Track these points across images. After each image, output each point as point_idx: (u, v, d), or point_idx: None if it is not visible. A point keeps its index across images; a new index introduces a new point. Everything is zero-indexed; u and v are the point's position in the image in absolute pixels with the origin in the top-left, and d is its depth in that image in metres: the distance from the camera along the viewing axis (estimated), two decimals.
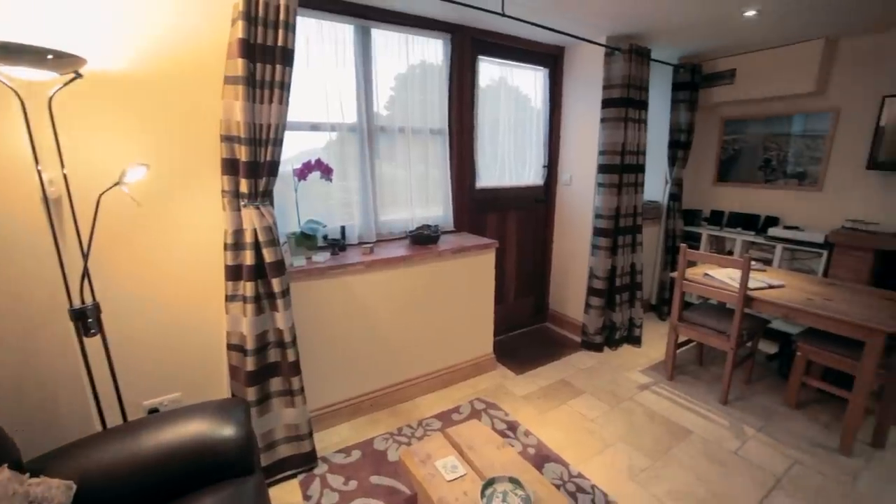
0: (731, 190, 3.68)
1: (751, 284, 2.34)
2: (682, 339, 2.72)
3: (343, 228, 2.35)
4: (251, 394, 1.75)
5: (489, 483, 1.34)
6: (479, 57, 2.78)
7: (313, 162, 2.13)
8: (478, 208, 2.99)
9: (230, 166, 1.65)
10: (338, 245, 2.27)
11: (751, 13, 2.38)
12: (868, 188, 2.88)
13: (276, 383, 1.84)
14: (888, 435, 2.13)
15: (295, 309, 1.91)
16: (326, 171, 2.16)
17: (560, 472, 1.92)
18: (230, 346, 1.77)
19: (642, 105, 2.91)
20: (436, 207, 2.76)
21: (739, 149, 3.58)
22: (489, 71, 2.89)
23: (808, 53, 2.90)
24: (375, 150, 2.44)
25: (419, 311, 2.42)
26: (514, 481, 1.34)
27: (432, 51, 2.55)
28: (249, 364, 1.73)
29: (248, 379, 1.74)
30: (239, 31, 1.52)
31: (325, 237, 2.30)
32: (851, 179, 2.96)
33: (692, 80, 3.35)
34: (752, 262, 2.47)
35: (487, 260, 2.64)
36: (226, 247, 1.69)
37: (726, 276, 2.51)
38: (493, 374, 2.80)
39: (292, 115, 2.06)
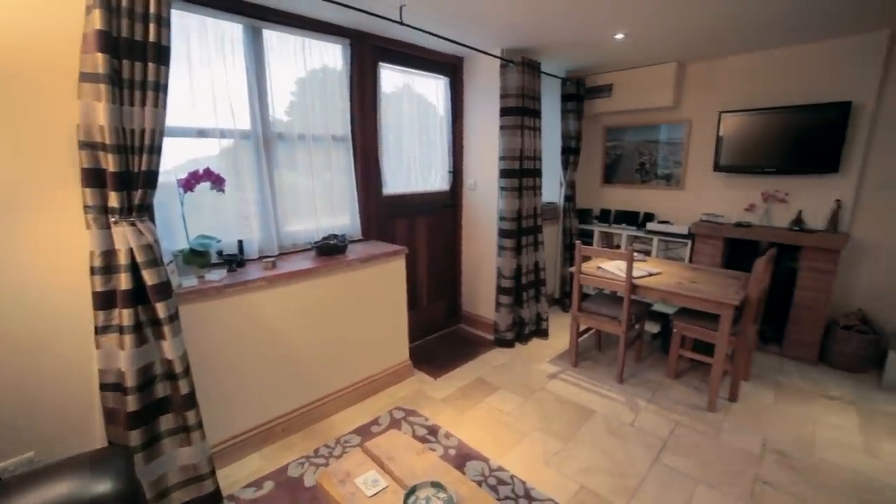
0: (615, 190, 4.14)
1: (635, 274, 2.65)
2: (582, 327, 2.98)
3: (241, 243, 2.16)
4: (135, 438, 1.52)
5: (411, 491, 1.32)
6: (381, 64, 2.77)
7: (202, 171, 1.93)
8: (386, 215, 2.96)
9: (94, 177, 1.42)
10: (235, 261, 2.08)
11: (619, 36, 2.73)
12: (715, 187, 3.46)
13: (166, 421, 1.63)
14: (739, 389, 2.57)
15: (188, 334, 1.71)
16: (218, 182, 1.97)
17: (481, 468, 1.97)
18: (104, 386, 1.52)
19: (536, 114, 3.14)
20: (342, 216, 2.68)
21: (620, 154, 4.04)
22: (392, 78, 2.90)
23: (666, 73, 3.40)
24: (274, 159, 2.30)
25: (330, 324, 2.32)
26: (437, 485, 1.34)
27: (331, 56, 2.48)
28: (131, 404, 1.50)
29: (130, 421, 1.51)
30: (96, 22, 1.32)
31: (219, 253, 2.10)
32: (704, 180, 3.53)
33: (578, 93, 3.71)
34: (635, 254, 2.81)
35: (398, 267, 2.62)
36: (93, 271, 1.45)
37: (615, 268, 2.81)
38: (411, 381, 2.79)
39: (175, 119, 1.87)
